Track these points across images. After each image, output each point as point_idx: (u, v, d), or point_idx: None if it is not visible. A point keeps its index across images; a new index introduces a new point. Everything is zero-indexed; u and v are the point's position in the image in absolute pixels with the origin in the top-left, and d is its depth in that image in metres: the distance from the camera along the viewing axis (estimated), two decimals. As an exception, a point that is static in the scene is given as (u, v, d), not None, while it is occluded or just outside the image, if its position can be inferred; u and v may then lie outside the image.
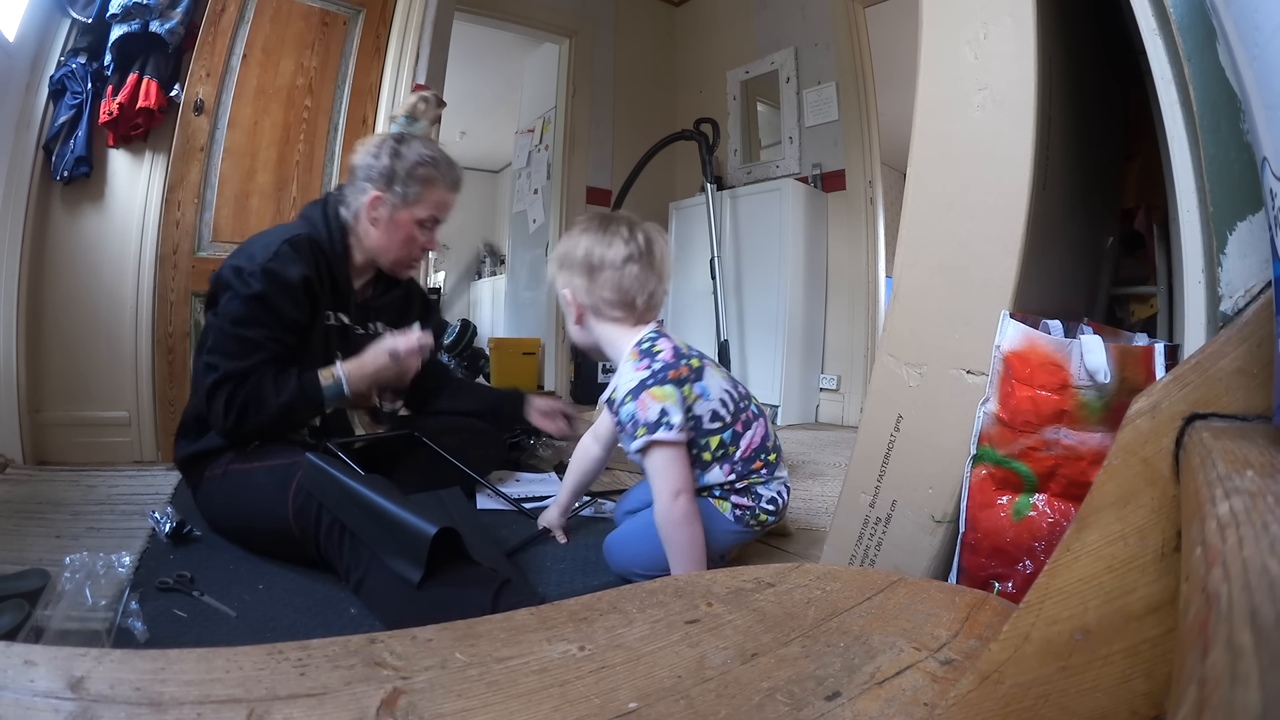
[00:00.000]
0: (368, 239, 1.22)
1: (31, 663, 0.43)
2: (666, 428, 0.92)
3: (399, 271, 1.27)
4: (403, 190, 1.18)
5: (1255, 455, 0.33)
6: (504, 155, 5.77)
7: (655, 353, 0.98)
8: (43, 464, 1.63)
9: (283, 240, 1.11)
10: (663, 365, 0.96)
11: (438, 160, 1.21)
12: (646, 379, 0.94)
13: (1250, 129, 0.43)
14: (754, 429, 1.02)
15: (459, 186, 1.25)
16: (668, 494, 0.92)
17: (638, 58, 3.69)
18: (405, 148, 1.19)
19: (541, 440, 1.96)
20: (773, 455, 1.03)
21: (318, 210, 1.23)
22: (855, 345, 2.89)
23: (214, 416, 1.09)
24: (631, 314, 1.02)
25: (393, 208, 1.19)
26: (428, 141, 1.23)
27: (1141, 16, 0.67)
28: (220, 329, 1.09)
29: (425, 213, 1.20)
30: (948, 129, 0.86)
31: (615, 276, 1.00)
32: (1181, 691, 0.21)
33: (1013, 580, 0.77)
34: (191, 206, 1.79)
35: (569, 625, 0.58)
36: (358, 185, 1.21)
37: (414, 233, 1.21)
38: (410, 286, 1.39)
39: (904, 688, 0.49)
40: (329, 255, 1.17)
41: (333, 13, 2.03)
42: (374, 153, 1.20)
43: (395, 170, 1.18)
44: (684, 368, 0.97)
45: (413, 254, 1.24)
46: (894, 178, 3.15)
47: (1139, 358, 0.71)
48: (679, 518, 0.92)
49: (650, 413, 0.92)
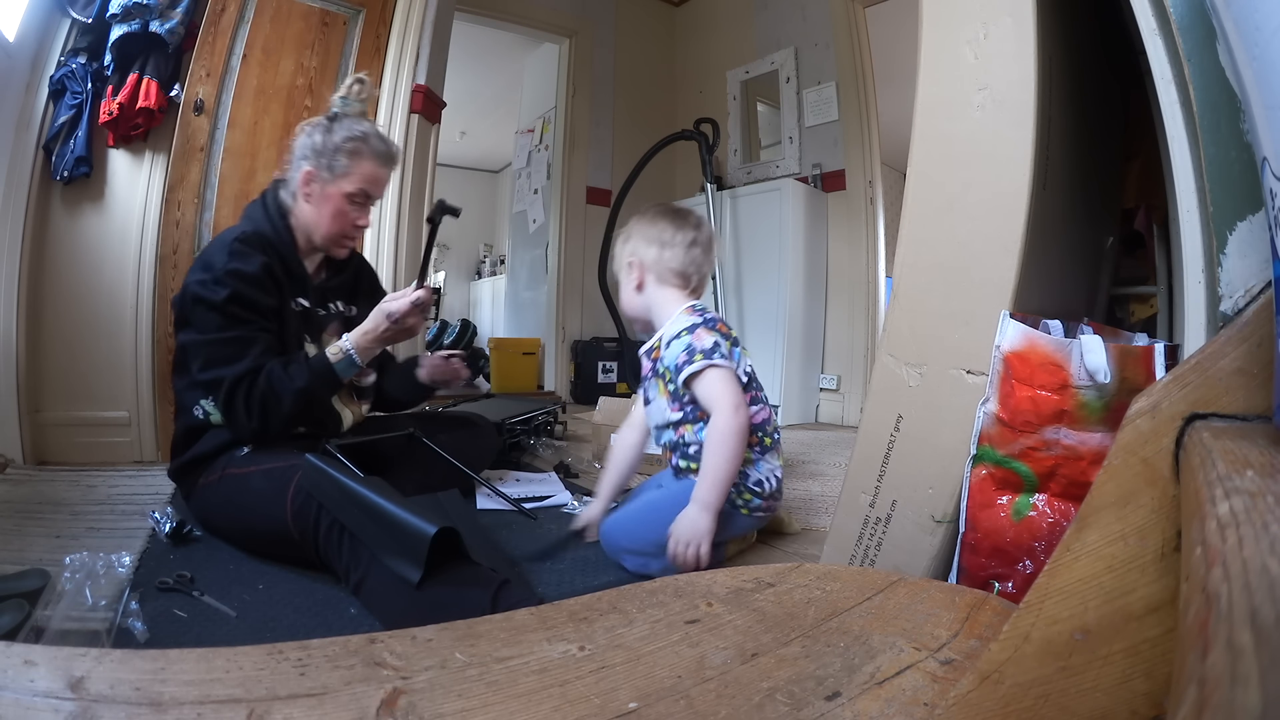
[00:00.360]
0: (304, 217, 1.23)
1: (31, 663, 0.43)
2: (722, 355, 1.04)
3: (333, 248, 1.27)
4: (330, 164, 1.20)
5: (1255, 455, 0.33)
6: (504, 155, 5.77)
7: (705, 310, 1.13)
8: (43, 464, 1.63)
9: (232, 240, 1.13)
10: (711, 318, 1.11)
11: (367, 135, 1.22)
12: (699, 323, 1.08)
13: (1250, 129, 0.43)
14: (760, 408, 1.11)
15: (390, 161, 1.25)
16: (730, 406, 1.01)
17: (638, 58, 3.69)
18: (336, 124, 1.21)
19: (542, 440, 1.96)
20: (769, 439, 1.11)
21: (257, 206, 1.25)
22: (855, 345, 2.89)
23: (237, 425, 1.10)
24: (687, 286, 1.17)
25: (324, 182, 1.20)
26: (360, 119, 1.24)
27: (1141, 16, 0.67)
28: (206, 342, 1.10)
29: (353, 186, 1.21)
30: (948, 129, 0.86)
31: (682, 252, 1.15)
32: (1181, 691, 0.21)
33: (1013, 580, 0.77)
34: (191, 206, 1.79)
35: (569, 625, 0.58)
36: (294, 164, 1.23)
37: (344, 206, 1.21)
38: (359, 265, 1.40)
39: (904, 688, 0.49)
40: (276, 244, 1.19)
41: (333, 13, 2.03)
42: (308, 131, 1.23)
43: (325, 145, 1.20)
44: (726, 327, 1.12)
45: (344, 229, 1.24)
46: (894, 178, 3.15)
47: (1139, 358, 0.71)
48: (740, 426, 1.00)
49: (706, 343, 1.05)
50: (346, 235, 1.26)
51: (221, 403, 1.09)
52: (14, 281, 1.60)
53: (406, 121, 2.14)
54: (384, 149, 1.24)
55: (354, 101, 1.25)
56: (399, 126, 2.13)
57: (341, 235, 1.25)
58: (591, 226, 3.43)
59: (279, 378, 1.09)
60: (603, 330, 3.46)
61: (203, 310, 1.09)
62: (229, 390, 1.07)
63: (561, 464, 1.74)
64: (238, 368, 1.07)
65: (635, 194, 3.13)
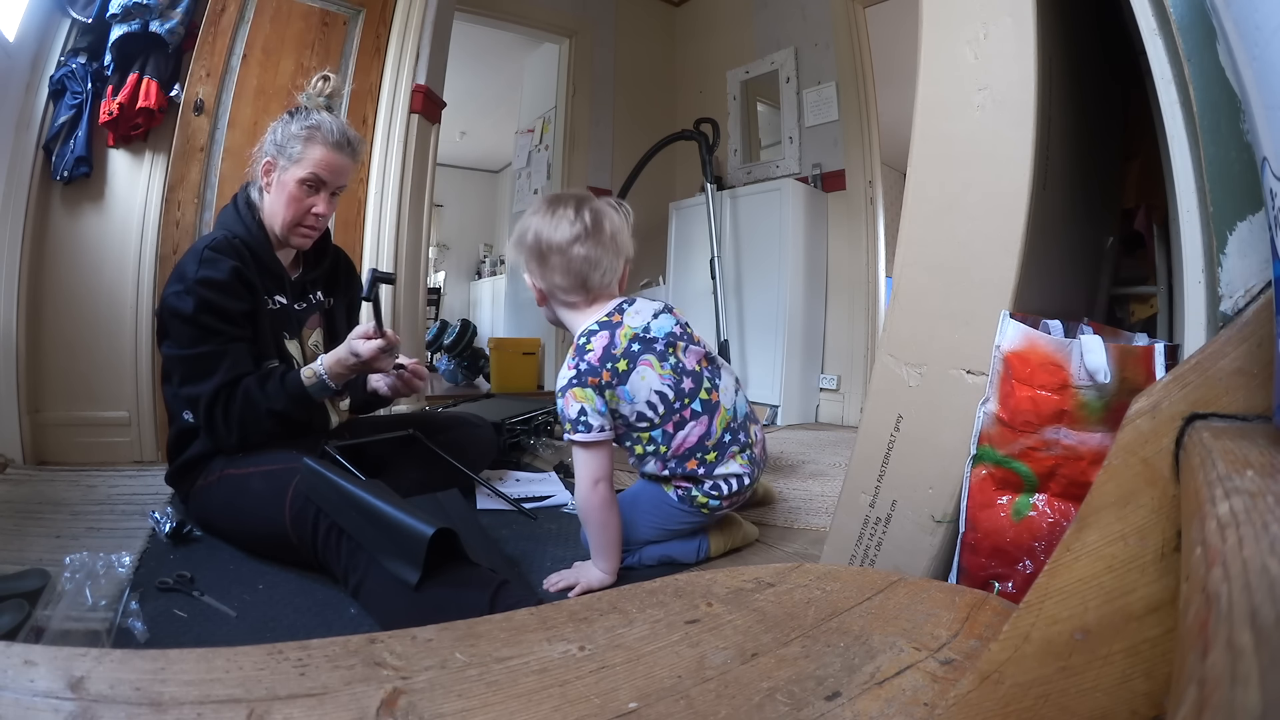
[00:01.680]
0: (266, 208, 1.24)
1: (31, 663, 0.43)
2: (584, 428, 0.98)
3: (292, 238, 1.25)
4: (287, 152, 1.21)
5: (1255, 455, 0.33)
6: (504, 155, 5.77)
7: (586, 351, 1.01)
8: (43, 464, 1.63)
9: (203, 249, 1.13)
10: (587, 368, 0.99)
11: (320, 122, 1.22)
12: (572, 379, 1.00)
13: (1250, 129, 0.43)
14: (689, 429, 1.04)
15: (345, 148, 1.24)
16: (587, 482, 0.99)
17: (638, 58, 3.69)
18: (295, 115, 1.23)
19: (542, 440, 1.96)
20: (711, 455, 1.05)
21: (229, 209, 1.25)
22: (855, 345, 2.89)
23: (219, 439, 1.11)
24: (586, 295, 1.05)
25: (281, 170, 1.21)
26: (320, 111, 1.25)
27: (1141, 16, 0.67)
28: (181, 358, 1.11)
29: (305, 171, 1.20)
30: (948, 129, 0.85)
31: (563, 260, 1.02)
32: (1181, 691, 0.21)
33: (1013, 580, 0.77)
34: (191, 206, 1.78)
35: (569, 625, 0.58)
36: (258, 159, 1.24)
37: (298, 193, 1.21)
38: (335, 255, 1.40)
39: (904, 688, 0.49)
40: (251, 245, 1.19)
41: (333, 13, 2.03)
42: (272, 127, 1.24)
43: (284, 135, 1.21)
44: (606, 373, 1.00)
45: (298, 215, 1.22)
46: (894, 178, 3.15)
47: (1139, 358, 0.71)
48: (597, 503, 0.99)
49: (571, 410, 0.99)
50: (303, 224, 1.24)
51: (201, 420, 1.11)
52: (14, 281, 1.60)
53: (406, 121, 2.14)
54: (339, 135, 1.23)
55: (317, 96, 1.26)
56: (399, 126, 2.13)
57: (297, 223, 1.23)
58: (591, 226, 3.42)
59: (256, 397, 1.10)
60: (603, 330, 3.45)
61: (177, 323, 1.10)
62: (206, 408, 1.09)
63: (561, 464, 1.74)
64: (211, 383, 1.09)
65: (635, 194, 3.12)
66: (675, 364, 1.04)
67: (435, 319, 5.16)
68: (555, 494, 1.48)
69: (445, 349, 4.54)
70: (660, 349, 1.04)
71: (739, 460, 1.07)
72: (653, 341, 1.04)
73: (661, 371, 1.03)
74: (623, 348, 1.02)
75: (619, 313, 1.06)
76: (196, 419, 1.13)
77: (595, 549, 1.02)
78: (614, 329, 1.03)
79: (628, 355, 1.01)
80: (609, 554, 1.02)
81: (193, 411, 1.13)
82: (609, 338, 1.02)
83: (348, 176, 1.27)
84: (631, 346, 1.02)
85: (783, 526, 1.36)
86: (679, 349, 1.06)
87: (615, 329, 1.03)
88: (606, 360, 1.00)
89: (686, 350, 1.07)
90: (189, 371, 1.11)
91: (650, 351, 1.03)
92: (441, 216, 6.30)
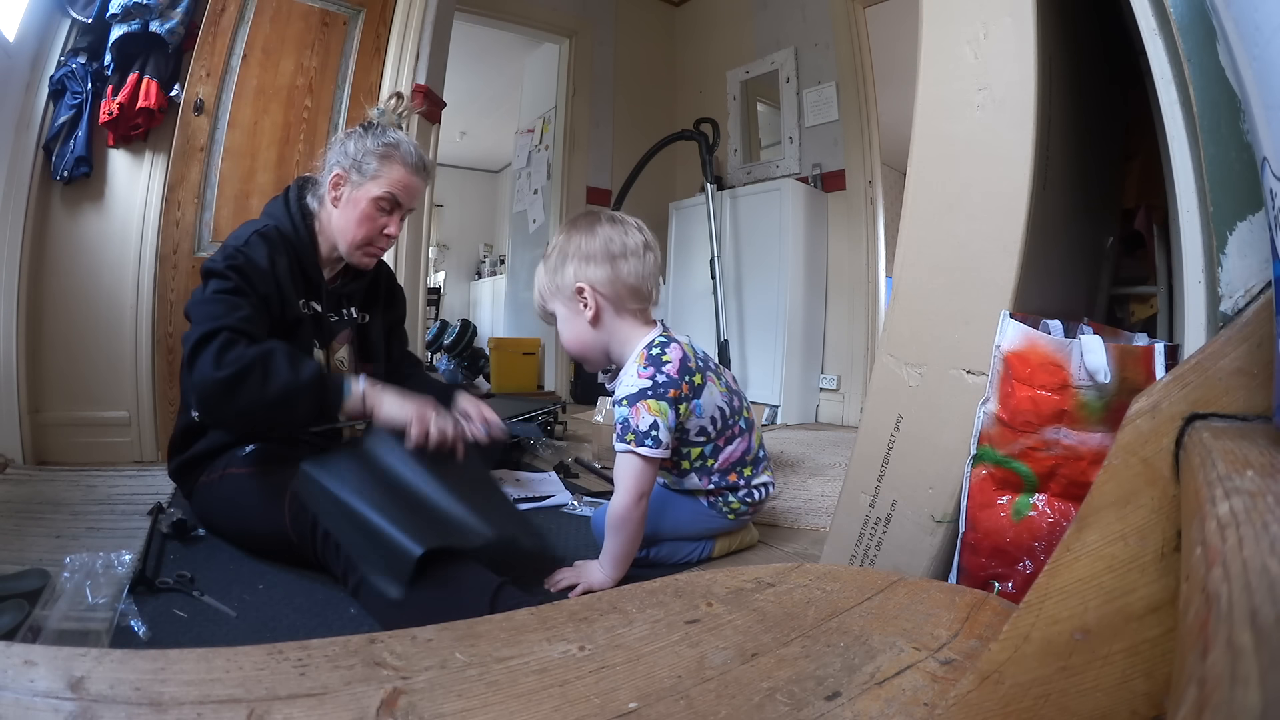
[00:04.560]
0: (330, 222, 1.21)
1: (31, 663, 0.43)
2: (654, 443, 0.95)
3: (358, 258, 1.22)
4: (361, 168, 1.19)
5: (1255, 455, 0.33)
6: (504, 155, 5.77)
7: (663, 362, 0.98)
8: (43, 464, 1.63)
9: (252, 232, 1.12)
10: (666, 380, 0.97)
11: (400, 142, 1.21)
12: (648, 389, 0.96)
13: (1250, 129, 0.43)
14: (735, 444, 1.07)
15: (422, 171, 1.24)
16: (633, 495, 0.95)
17: (638, 58, 3.69)
18: (371, 131, 1.21)
19: (542, 440, 1.96)
20: (748, 469, 1.08)
21: (279, 203, 1.23)
22: (855, 345, 2.89)
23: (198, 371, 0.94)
24: (646, 306, 1.03)
25: (353, 185, 1.19)
26: (397, 129, 1.25)
27: (1141, 16, 0.67)
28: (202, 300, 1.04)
29: (381, 190, 1.18)
30: (948, 129, 0.85)
31: (638, 264, 1.00)
32: (1181, 691, 0.21)
33: (1013, 580, 0.77)
34: (191, 206, 1.78)
35: (569, 625, 0.58)
36: (326, 168, 1.22)
37: (371, 211, 1.18)
38: (379, 270, 1.36)
39: (904, 688, 0.49)
40: (295, 244, 1.17)
41: (333, 13, 2.03)
42: (342, 138, 1.23)
43: (358, 150, 1.19)
44: (685, 385, 0.98)
45: (370, 234, 1.20)
46: (894, 178, 3.15)
47: (1139, 358, 0.71)
48: (637, 518, 0.96)
49: (642, 423, 0.95)
50: (373, 243, 1.22)
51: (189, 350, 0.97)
52: (14, 281, 1.60)
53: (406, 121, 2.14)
54: (417, 158, 1.22)
55: (391, 114, 1.25)
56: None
57: (368, 242, 1.21)
58: (591, 226, 3.43)
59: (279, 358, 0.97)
60: (603, 330, 3.45)
61: (208, 280, 1.08)
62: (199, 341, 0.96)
63: (561, 464, 1.74)
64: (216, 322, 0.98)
65: (635, 194, 3.12)
66: (725, 382, 1.08)
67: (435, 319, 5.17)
68: (555, 494, 1.48)
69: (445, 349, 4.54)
70: (713, 366, 1.06)
71: (768, 471, 1.12)
72: (707, 359, 1.06)
73: (720, 388, 1.05)
74: (694, 354, 1.02)
75: (667, 329, 1.04)
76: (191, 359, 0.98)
77: (611, 557, 0.99)
78: (679, 343, 1.02)
79: (701, 370, 1.01)
80: (622, 565, 0.99)
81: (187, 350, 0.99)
82: (681, 351, 1.00)
83: (419, 199, 1.26)
84: (698, 362, 1.03)
85: (783, 526, 1.36)
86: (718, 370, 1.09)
87: (680, 343, 1.02)
88: (685, 373, 0.98)
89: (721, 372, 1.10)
90: (199, 314, 1.02)
91: (709, 368, 1.04)
92: (441, 216, 6.31)
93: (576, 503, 1.43)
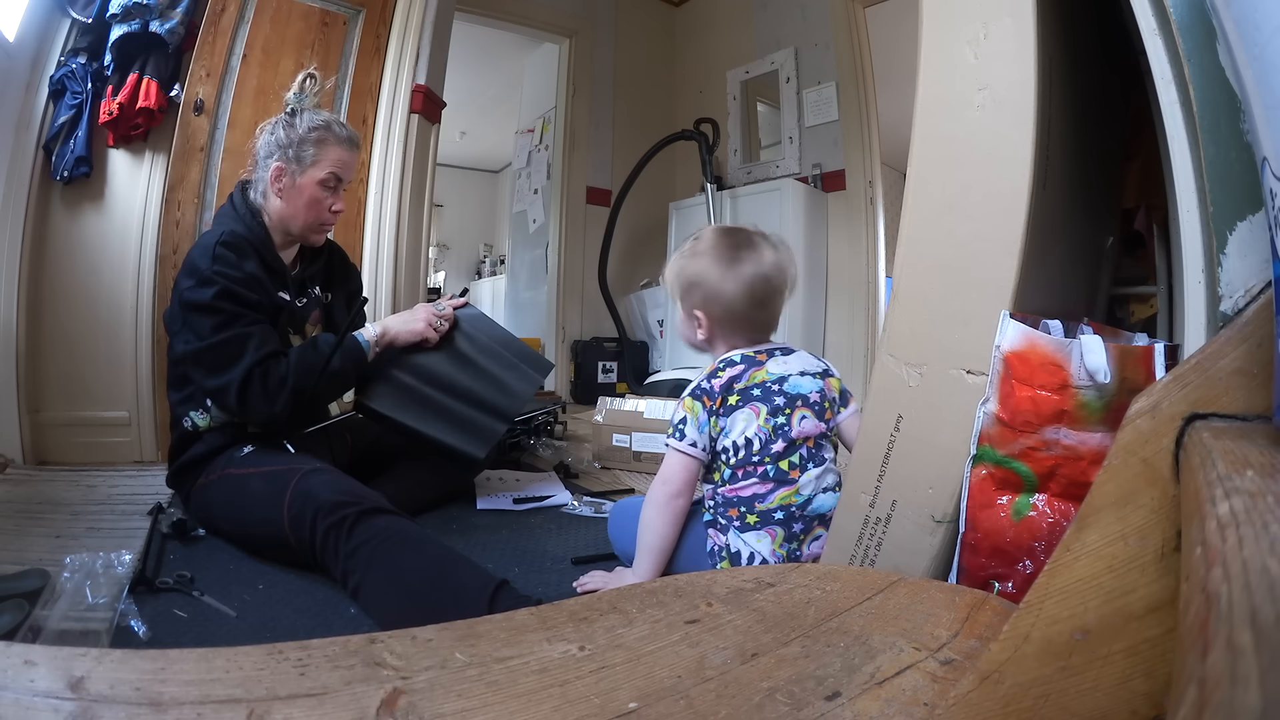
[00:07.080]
0: (278, 212, 1.26)
1: (31, 663, 0.43)
2: (679, 435, 0.99)
3: (311, 237, 1.31)
4: (299, 155, 1.23)
5: (1255, 455, 0.33)
6: (504, 155, 5.77)
7: (716, 375, 1.01)
8: (43, 464, 1.63)
9: (214, 244, 1.14)
10: (706, 387, 1.00)
11: (329, 122, 1.27)
12: (692, 389, 1.01)
13: (1250, 129, 0.43)
14: (749, 482, 0.96)
15: (355, 145, 1.31)
16: (658, 481, 0.99)
17: (638, 58, 3.69)
18: (297, 119, 1.25)
19: (542, 440, 1.96)
20: (753, 518, 0.96)
21: (227, 209, 1.27)
22: (855, 345, 2.89)
23: (255, 410, 1.10)
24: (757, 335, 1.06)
25: (294, 174, 1.24)
26: (316, 110, 1.29)
27: (1141, 16, 0.67)
28: (203, 349, 1.10)
29: (324, 172, 1.25)
30: (948, 129, 0.85)
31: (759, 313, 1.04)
32: (1181, 691, 0.21)
33: (1013, 580, 0.77)
34: (191, 206, 1.78)
35: (569, 625, 0.57)
36: (261, 164, 1.26)
37: (318, 194, 1.25)
38: (330, 249, 1.43)
39: (904, 688, 0.49)
40: (255, 243, 1.21)
41: (333, 13, 2.03)
42: (270, 130, 1.26)
43: (291, 138, 1.23)
44: (719, 400, 0.99)
45: (320, 216, 1.28)
46: (894, 178, 3.15)
47: (1139, 358, 0.71)
48: (661, 500, 0.98)
49: (676, 415, 1.00)
50: (323, 222, 1.29)
51: (234, 402, 1.09)
52: (14, 282, 1.60)
53: (406, 121, 2.14)
54: (347, 133, 1.28)
55: (309, 96, 1.28)
56: (399, 126, 2.13)
57: (319, 223, 1.29)
58: (591, 227, 3.43)
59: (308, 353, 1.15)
60: (603, 330, 3.45)
61: (196, 316, 1.10)
62: (239, 390, 1.08)
63: (561, 464, 1.74)
64: (241, 366, 1.08)
65: (635, 194, 3.12)
66: (780, 425, 0.98)
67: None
68: (555, 494, 1.48)
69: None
70: (778, 403, 0.98)
71: (775, 543, 0.96)
72: (774, 393, 0.99)
73: (762, 423, 0.98)
74: (743, 386, 1.00)
75: (767, 354, 1.03)
76: (226, 407, 1.11)
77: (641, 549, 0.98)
78: (751, 367, 1.01)
79: (743, 395, 0.99)
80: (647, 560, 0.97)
81: (221, 401, 1.11)
82: (740, 372, 1.00)
83: (355, 170, 1.34)
84: (752, 390, 0.99)
85: (783, 526, 1.35)
86: (795, 414, 0.99)
87: (752, 367, 1.01)
88: (726, 391, 0.99)
89: (803, 420, 0.99)
90: (214, 360, 1.09)
91: (765, 401, 0.98)
92: (441, 216, 6.30)
93: (576, 503, 1.43)
